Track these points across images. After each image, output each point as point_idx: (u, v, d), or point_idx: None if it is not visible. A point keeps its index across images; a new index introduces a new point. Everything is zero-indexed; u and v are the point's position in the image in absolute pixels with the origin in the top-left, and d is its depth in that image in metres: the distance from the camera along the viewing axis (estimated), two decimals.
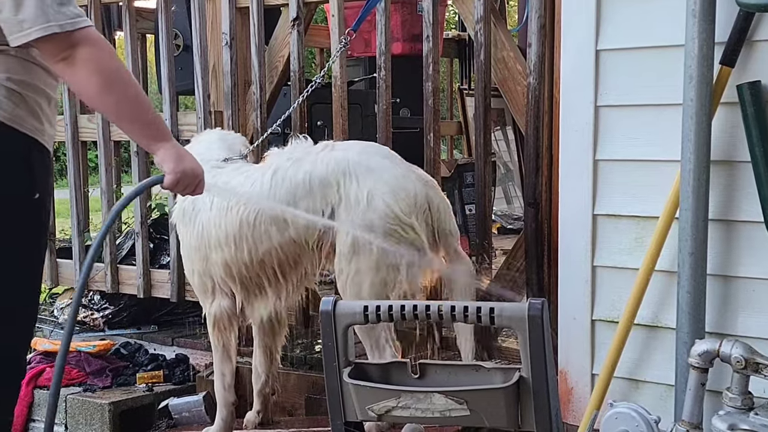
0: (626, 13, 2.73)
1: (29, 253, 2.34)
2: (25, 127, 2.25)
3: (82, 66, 2.16)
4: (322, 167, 2.90)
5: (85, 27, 2.17)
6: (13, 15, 2.11)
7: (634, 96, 2.75)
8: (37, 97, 2.29)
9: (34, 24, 2.11)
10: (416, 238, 2.85)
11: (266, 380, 3.42)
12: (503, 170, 7.05)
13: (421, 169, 3.08)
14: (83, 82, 2.20)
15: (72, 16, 2.15)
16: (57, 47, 2.15)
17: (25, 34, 2.12)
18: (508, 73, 3.41)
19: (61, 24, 2.12)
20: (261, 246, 2.96)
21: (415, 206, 2.85)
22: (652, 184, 2.73)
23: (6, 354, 2.34)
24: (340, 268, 2.88)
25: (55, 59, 2.17)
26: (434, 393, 1.94)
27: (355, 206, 2.83)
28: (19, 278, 2.33)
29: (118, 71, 2.24)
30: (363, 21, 3.52)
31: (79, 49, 2.15)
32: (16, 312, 2.36)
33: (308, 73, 5.40)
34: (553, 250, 3.20)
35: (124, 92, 2.24)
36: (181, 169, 2.35)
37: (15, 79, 2.24)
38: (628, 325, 2.72)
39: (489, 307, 1.94)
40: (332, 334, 2.04)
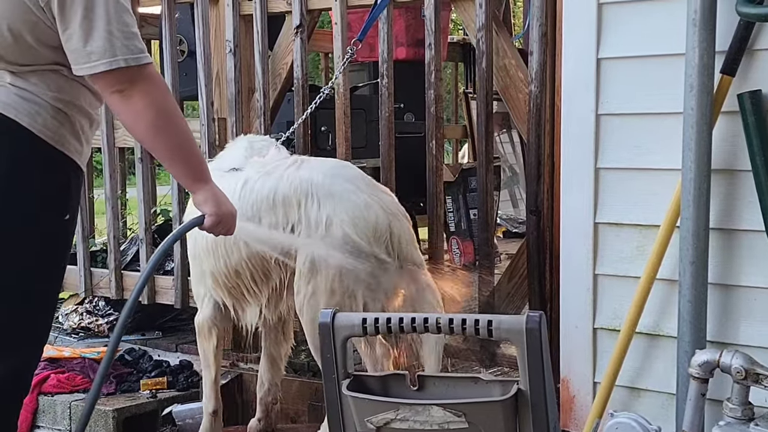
0: (627, 22, 2.73)
1: (52, 272, 2.38)
2: (67, 147, 2.29)
3: (137, 100, 2.19)
4: (286, 185, 2.90)
5: (146, 63, 2.20)
6: (82, 46, 2.15)
7: (635, 104, 2.74)
8: (81, 118, 2.32)
9: (102, 57, 2.14)
10: (375, 269, 2.83)
11: (269, 388, 3.43)
12: (509, 173, 7.06)
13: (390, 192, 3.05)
14: (135, 116, 2.23)
15: (137, 51, 2.19)
16: (117, 80, 2.18)
17: (91, 66, 2.15)
18: (509, 81, 3.42)
19: (126, 59, 2.16)
20: (233, 257, 2.99)
21: (374, 235, 2.83)
22: (653, 192, 2.73)
23: (21, 370, 2.37)
24: (298, 287, 2.89)
25: (111, 90, 2.19)
26: (433, 405, 1.95)
27: (315, 229, 2.84)
28: (39, 296, 2.36)
29: (171, 110, 2.27)
30: (368, 29, 3.53)
31: (137, 83, 2.18)
32: (36, 329, 2.40)
33: (313, 78, 5.41)
34: (555, 258, 3.20)
35: (173, 131, 2.27)
36: (222, 212, 2.41)
37: (63, 99, 2.27)
38: (630, 334, 2.72)
39: (487, 319, 1.95)
40: (331, 346, 2.04)
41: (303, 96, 3.78)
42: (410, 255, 2.91)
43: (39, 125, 2.23)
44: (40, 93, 2.24)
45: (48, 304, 2.42)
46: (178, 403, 3.74)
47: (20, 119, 2.21)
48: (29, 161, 2.24)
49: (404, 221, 2.94)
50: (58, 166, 2.28)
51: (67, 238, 2.41)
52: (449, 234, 5.63)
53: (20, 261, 2.28)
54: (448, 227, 5.61)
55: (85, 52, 2.15)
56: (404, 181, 3.92)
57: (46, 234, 2.30)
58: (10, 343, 2.32)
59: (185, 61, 4.37)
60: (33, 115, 2.22)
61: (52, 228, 2.30)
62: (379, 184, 3.16)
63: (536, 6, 3.20)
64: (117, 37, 2.15)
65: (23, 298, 2.31)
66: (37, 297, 2.35)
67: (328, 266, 2.81)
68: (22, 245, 2.27)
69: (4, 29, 2.18)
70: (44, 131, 2.23)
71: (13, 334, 2.32)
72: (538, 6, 3.19)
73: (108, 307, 4.53)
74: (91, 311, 4.52)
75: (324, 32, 5.61)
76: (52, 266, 2.37)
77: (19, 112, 2.21)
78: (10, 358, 2.33)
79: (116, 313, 4.49)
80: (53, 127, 2.25)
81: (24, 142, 2.22)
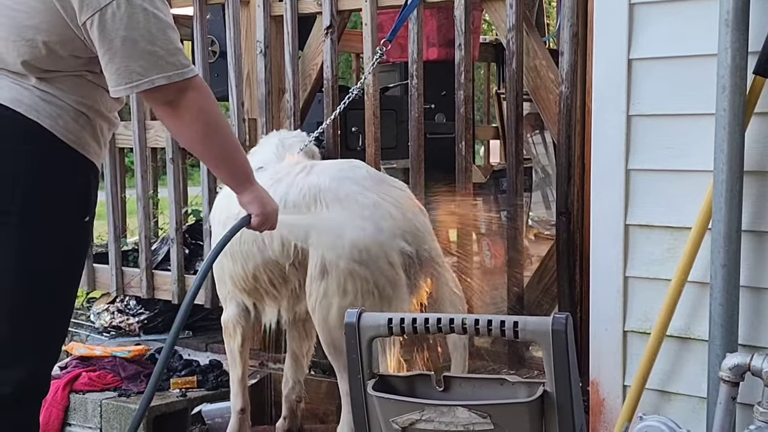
0: (659, 22, 2.71)
1: (72, 273, 2.40)
2: (87, 150, 2.31)
3: (185, 112, 2.23)
4: (296, 192, 2.92)
5: (192, 77, 2.23)
6: (125, 66, 2.16)
7: (667, 105, 2.72)
8: (101, 122, 2.34)
9: (145, 76, 2.17)
10: (387, 269, 2.83)
11: (293, 386, 3.44)
12: (541, 174, 7.01)
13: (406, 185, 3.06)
14: (182, 127, 2.28)
15: (180, 66, 2.21)
16: (163, 95, 2.21)
17: (134, 85, 2.18)
18: (540, 82, 3.40)
19: (170, 75, 2.18)
20: (250, 262, 3.03)
21: (384, 236, 2.83)
22: (684, 194, 2.70)
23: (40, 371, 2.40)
24: (310, 290, 2.90)
25: (160, 103, 2.24)
26: (458, 406, 1.94)
27: (323, 233, 2.85)
28: (60, 297, 2.39)
29: (217, 120, 2.32)
30: (398, 30, 3.53)
31: (184, 96, 2.22)
32: (54, 330, 2.42)
33: (344, 79, 5.42)
34: (585, 260, 3.18)
35: (219, 140, 2.33)
36: (268, 211, 2.50)
37: (86, 103, 2.29)
38: (660, 337, 2.69)
39: (513, 320, 1.93)
40: (356, 347, 2.04)
41: (333, 97, 3.79)
42: (427, 248, 2.90)
43: (60, 128, 2.25)
44: (63, 97, 2.26)
45: (66, 304, 2.43)
46: (208, 402, 3.76)
47: (42, 121, 2.23)
48: (51, 163, 2.25)
49: (419, 214, 2.93)
50: (78, 167, 2.30)
51: (86, 240, 2.44)
52: (479, 236, 5.60)
53: (42, 261, 2.29)
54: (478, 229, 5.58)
55: (128, 71, 2.17)
56: (435, 182, 3.91)
57: (67, 235, 2.32)
58: (31, 344, 2.34)
59: (216, 61, 4.39)
60: (55, 117, 2.24)
61: (73, 229, 2.33)
62: (391, 178, 3.16)
63: (567, 6, 3.18)
64: (160, 56, 2.17)
65: (45, 298, 2.32)
66: (58, 297, 2.37)
67: (339, 268, 2.81)
68: (43, 246, 2.28)
69: (39, 43, 2.20)
70: (66, 134, 2.25)
71: (33, 335, 2.34)
72: (569, 6, 3.18)
73: (139, 306, 4.56)
74: (122, 310, 4.55)
75: (356, 33, 5.60)
76: (72, 267, 2.39)
77: (41, 115, 2.23)
78: (30, 359, 2.35)
79: (147, 312, 4.52)
80: (75, 130, 2.27)
81: (46, 144, 2.24)
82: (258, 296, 3.13)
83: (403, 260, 2.87)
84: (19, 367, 2.33)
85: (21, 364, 2.33)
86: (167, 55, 2.18)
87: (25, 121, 2.22)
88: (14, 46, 2.22)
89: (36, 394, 2.42)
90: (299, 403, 3.50)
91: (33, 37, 2.20)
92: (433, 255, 2.93)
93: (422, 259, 2.91)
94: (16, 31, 2.21)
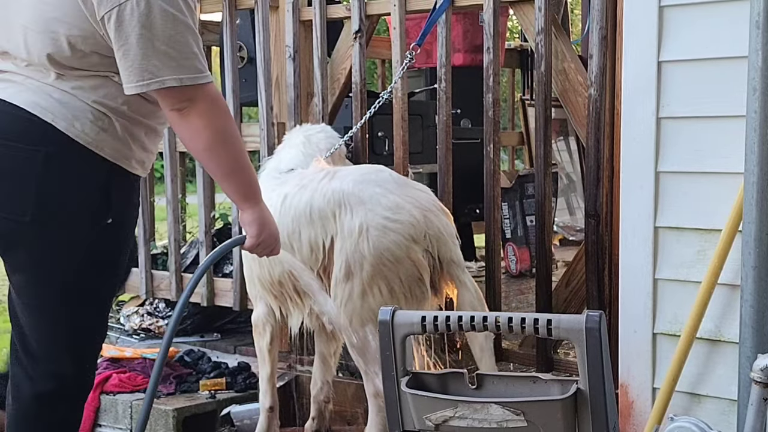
0: (689, 25, 2.71)
1: (98, 275, 2.39)
2: (106, 152, 2.30)
3: (195, 119, 2.23)
4: (320, 198, 2.95)
5: (205, 83, 2.23)
6: (138, 63, 2.17)
7: (697, 108, 2.72)
8: (130, 124, 2.33)
9: (156, 76, 2.17)
10: (411, 270, 2.87)
11: (321, 387, 3.46)
12: (566, 181, 7.01)
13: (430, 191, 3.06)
14: (192, 135, 2.27)
15: (194, 71, 2.21)
16: (174, 98, 2.21)
17: (145, 83, 2.18)
18: (568, 85, 3.41)
19: (181, 78, 2.18)
20: (276, 268, 3.06)
21: (407, 237, 2.86)
22: (715, 196, 2.70)
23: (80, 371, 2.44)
24: (335, 292, 2.94)
25: (170, 108, 2.24)
26: (491, 404, 1.95)
27: (349, 237, 2.88)
28: (87, 297, 2.41)
29: (228, 131, 2.29)
30: (427, 35, 3.55)
31: (195, 103, 2.22)
32: (88, 329, 2.46)
33: (369, 85, 5.44)
34: (614, 263, 3.18)
35: (228, 152, 2.31)
36: (264, 235, 2.46)
37: (108, 104, 2.29)
38: (690, 339, 2.69)
39: (546, 318, 1.95)
40: (390, 344, 2.06)
41: (361, 101, 3.81)
42: (449, 251, 2.93)
43: (77, 130, 2.25)
44: (83, 96, 2.27)
45: (98, 304, 2.44)
46: (237, 404, 3.79)
47: (57, 123, 2.24)
48: (64, 164, 2.25)
49: (442, 216, 2.96)
50: (95, 169, 2.29)
51: (115, 242, 2.39)
52: (505, 241, 5.61)
53: (63, 262, 2.31)
54: (504, 234, 5.59)
55: (140, 69, 2.17)
56: (460, 188, 3.93)
57: (85, 235, 2.31)
58: (66, 343, 2.38)
59: (245, 67, 4.42)
60: (71, 120, 2.25)
61: (91, 230, 2.31)
62: (415, 182, 3.18)
63: (596, 9, 3.19)
64: (174, 56, 2.17)
65: (73, 298, 2.35)
66: (86, 298, 2.38)
67: (364, 270, 2.85)
68: (63, 246, 2.30)
69: (62, 37, 2.22)
70: (82, 135, 2.26)
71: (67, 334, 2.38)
72: (598, 9, 3.18)
73: (168, 308, 4.60)
74: (151, 313, 4.60)
75: (381, 39, 5.65)
76: (100, 268, 2.38)
77: (57, 117, 2.24)
78: (67, 356, 2.39)
79: None
80: (92, 132, 2.27)
81: (61, 146, 2.25)
82: (283, 301, 3.16)
83: (426, 262, 2.89)
84: (58, 364, 2.37)
85: (59, 362, 2.37)
86: (181, 57, 2.18)
87: (40, 124, 2.24)
88: (40, 38, 2.24)
89: (77, 391, 2.45)
90: (327, 404, 3.52)
91: (56, 29, 2.22)
92: (454, 258, 2.95)
93: (444, 262, 2.93)
94: (42, 23, 2.23)
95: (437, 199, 3.05)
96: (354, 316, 2.91)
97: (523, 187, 5.65)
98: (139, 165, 2.40)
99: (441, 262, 2.93)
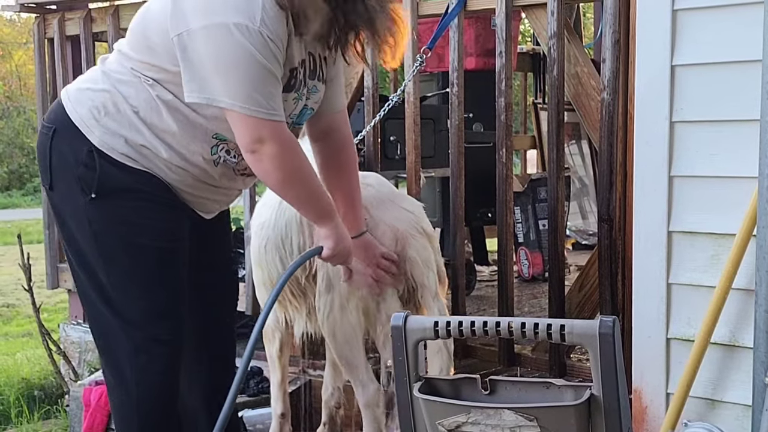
0: (702, 28, 2.70)
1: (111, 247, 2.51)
2: (95, 136, 2.46)
3: (268, 162, 2.38)
4: None
5: (276, 121, 2.34)
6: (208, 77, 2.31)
7: (711, 111, 2.71)
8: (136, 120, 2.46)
9: (236, 99, 2.29)
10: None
11: (332, 392, 3.46)
12: (578, 185, 7.00)
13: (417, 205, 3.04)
14: (265, 174, 2.43)
15: (268, 108, 2.32)
16: (249, 135, 2.34)
17: (205, 98, 2.33)
18: (581, 89, 3.40)
19: (245, 107, 2.30)
20: (273, 273, 3.04)
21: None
22: (729, 200, 2.69)
23: None
24: (318, 304, 2.93)
25: (246, 150, 2.37)
26: (504, 409, 1.95)
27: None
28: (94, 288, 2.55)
29: (298, 168, 2.45)
30: (438, 38, 3.55)
31: (267, 144, 2.34)
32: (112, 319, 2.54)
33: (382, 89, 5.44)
34: (627, 267, 3.17)
35: (299, 185, 2.48)
36: (340, 248, 2.63)
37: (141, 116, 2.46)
38: (704, 344, 2.68)
39: (560, 323, 1.94)
40: (403, 349, 2.06)
41: (373, 105, 3.81)
42: (420, 276, 2.89)
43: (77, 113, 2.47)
44: (108, 81, 2.47)
45: (107, 300, 2.52)
46: (249, 408, 3.79)
47: (66, 104, 2.50)
48: (61, 139, 2.49)
49: (419, 239, 2.91)
50: (76, 145, 2.46)
51: (102, 216, 2.49)
52: (517, 245, 5.60)
53: (72, 233, 2.53)
54: (516, 238, 5.59)
55: (207, 84, 2.31)
56: (472, 192, 3.92)
57: (79, 208, 2.49)
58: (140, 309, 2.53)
59: None
60: (76, 103, 2.48)
61: (82, 203, 2.47)
62: (406, 197, 3.17)
63: (609, 13, 3.18)
64: (254, 88, 2.29)
65: (82, 263, 2.52)
66: (94, 288, 2.52)
67: (342, 284, 2.85)
68: (68, 216, 2.52)
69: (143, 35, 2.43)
70: (79, 119, 2.46)
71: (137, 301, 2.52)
72: (611, 13, 3.18)
73: None
74: None
75: None
76: (106, 243, 2.50)
77: (69, 99, 2.50)
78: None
79: None
80: (86, 115, 2.46)
81: (61, 123, 2.49)
82: (284, 307, 3.16)
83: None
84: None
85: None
86: (253, 91, 2.29)
87: (58, 103, 2.53)
88: None
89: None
90: (338, 410, 3.52)
91: None
92: (426, 283, 2.90)
93: (418, 285, 2.90)
94: None
95: (424, 218, 3.00)
96: (336, 329, 2.91)
97: (536, 191, 5.65)
98: (163, 171, 2.49)
99: (416, 284, 2.91)
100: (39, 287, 5.49)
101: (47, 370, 5.43)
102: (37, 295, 5.28)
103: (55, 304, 7.78)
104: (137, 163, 2.46)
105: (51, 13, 5.15)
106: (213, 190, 2.59)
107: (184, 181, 2.51)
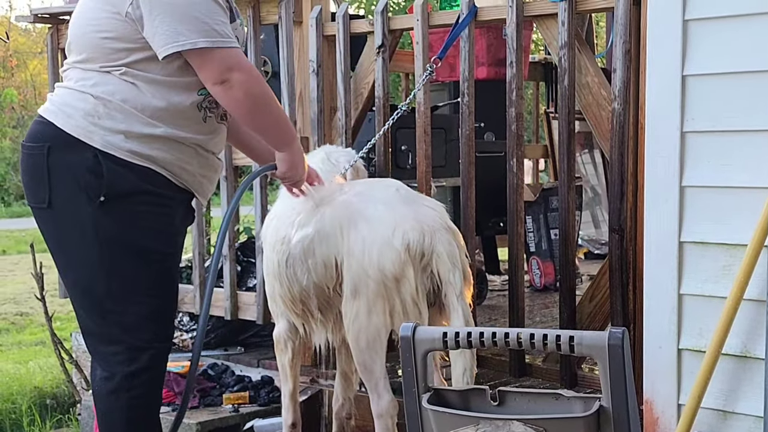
0: (713, 39, 2.70)
1: (112, 253, 2.53)
2: (97, 142, 2.50)
3: (238, 88, 2.49)
4: (330, 212, 2.97)
5: (233, 48, 2.49)
6: (173, 27, 2.43)
7: (722, 122, 2.70)
8: (120, 115, 2.53)
9: (189, 38, 2.42)
10: (408, 292, 2.84)
11: (343, 403, 3.46)
12: (590, 194, 6.98)
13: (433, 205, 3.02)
14: (236, 104, 2.54)
15: (225, 36, 2.47)
16: (218, 67, 2.46)
17: (179, 44, 2.43)
18: (592, 99, 3.39)
19: (214, 41, 2.44)
20: (295, 286, 3.06)
21: (404, 256, 2.83)
22: (740, 210, 2.68)
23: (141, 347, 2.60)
24: (345, 310, 2.94)
25: (216, 82, 2.48)
26: (513, 420, 1.94)
27: (353, 255, 2.89)
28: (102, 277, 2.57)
29: (266, 95, 2.58)
30: (449, 48, 3.55)
31: (235, 71, 2.47)
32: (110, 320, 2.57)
33: (393, 98, 5.46)
34: (638, 278, 3.16)
35: (268, 112, 2.61)
36: (292, 173, 2.85)
37: (109, 99, 2.52)
38: (716, 355, 2.66)
39: (569, 335, 1.93)
40: (412, 360, 2.05)
41: (384, 115, 3.82)
42: (447, 273, 2.87)
43: (71, 126, 2.51)
44: (87, 90, 2.53)
45: (119, 281, 2.54)
46: (260, 418, 3.79)
47: (56, 120, 2.53)
48: (58, 152, 2.52)
49: (445, 235, 2.90)
50: (78, 152, 2.50)
51: (109, 221, 2.52)
52: (529, 254, 5.59)
53: (73, 243, 2.54)
54: (528, 248, 5.57)
55: (175, 32, 2.42)
56: (484, 201, 3.92)
57: (83, 215, 2.51)
58: (122, 328, 2.57)
59: (269, 81, 4.44)
60: (58, 114, 2.53)
61: (87, 208, 2.50)
62: (426, 197, 3.16)
63: (620, 23, 3.17)
64: (205, 21, 2.43)
65: (87, 276, 2.56)
66: (101, 277, 2.54)
67: (369, 288, 2.85)
68: (69, 227, 2.53)
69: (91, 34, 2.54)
70: (76, 129, 2.50)
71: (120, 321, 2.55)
72: (621, 24, 3.17)
73: (192, 322, 4.61)
74: (175, 326, 4.60)
75: (405, 53, 5.66)
76: (109, 249, 2.52)
77: (57, 116, 2.53)
78: (128, 337, 2.58)
79: None
80: (82, 124, 2.51)
81: (56, 138, 2.52)
82: (306, 319, 3.17)
83: (422, 282, 2.88)
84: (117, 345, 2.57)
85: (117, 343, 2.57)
86: (213, 23, 2.44)
87: (42, 123, 2.57)
88: None
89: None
90: (349, 420, 3.51)
91: None
92: (451, 280, 2.87)
93: (443, 282, 2.88)
94: None
95: (446, 216, 3.01)
96: (361, 334, 2.91)
97: (548, 200, 5.63)
98: (162, 164, 2.55)
99: (441, 282, 2.91)
100: (52, 296, 5.51)
101: (59, 379, 5.45)
102: (49, 304, 5.30)
103: (68, 313, 7.79)
104: (140, 159, 2.52)
105: (64, 23, 5.18)
106: (204, 160, 2.66)
107: (182, 158, 2.58)
